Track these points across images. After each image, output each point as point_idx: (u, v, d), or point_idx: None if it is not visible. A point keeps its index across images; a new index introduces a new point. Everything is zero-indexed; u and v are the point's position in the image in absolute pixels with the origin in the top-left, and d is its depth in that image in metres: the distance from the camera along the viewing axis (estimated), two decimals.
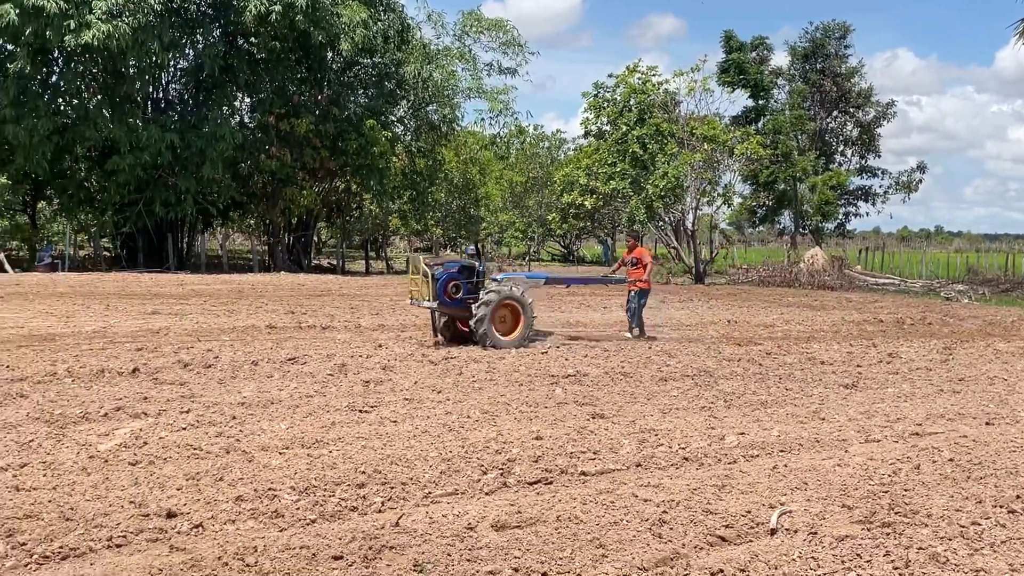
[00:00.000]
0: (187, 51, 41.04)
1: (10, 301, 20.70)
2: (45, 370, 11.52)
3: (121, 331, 16.79)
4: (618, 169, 42.28)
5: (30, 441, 7.98)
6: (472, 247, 18.81)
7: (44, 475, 7.01)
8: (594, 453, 8.30)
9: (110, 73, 38.53)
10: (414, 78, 43.92)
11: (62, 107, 38.30)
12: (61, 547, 5.49)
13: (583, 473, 7.66)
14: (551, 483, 7.39)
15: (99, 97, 39.16)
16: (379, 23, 41.54)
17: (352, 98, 43.87)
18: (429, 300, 15.66)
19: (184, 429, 8.75)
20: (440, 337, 16.28)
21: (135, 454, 7.70)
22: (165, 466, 7.44)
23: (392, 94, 44.86)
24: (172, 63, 41.10)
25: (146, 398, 10.16)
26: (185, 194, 38.60)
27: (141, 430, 8.58)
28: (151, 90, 41.68)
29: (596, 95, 45.20)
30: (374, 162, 42.25)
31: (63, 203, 40.85)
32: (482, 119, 50.30)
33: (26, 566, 5.25)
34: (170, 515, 6.15)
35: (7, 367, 11.92)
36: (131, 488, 6.75)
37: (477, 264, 16.38)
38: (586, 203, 45.19)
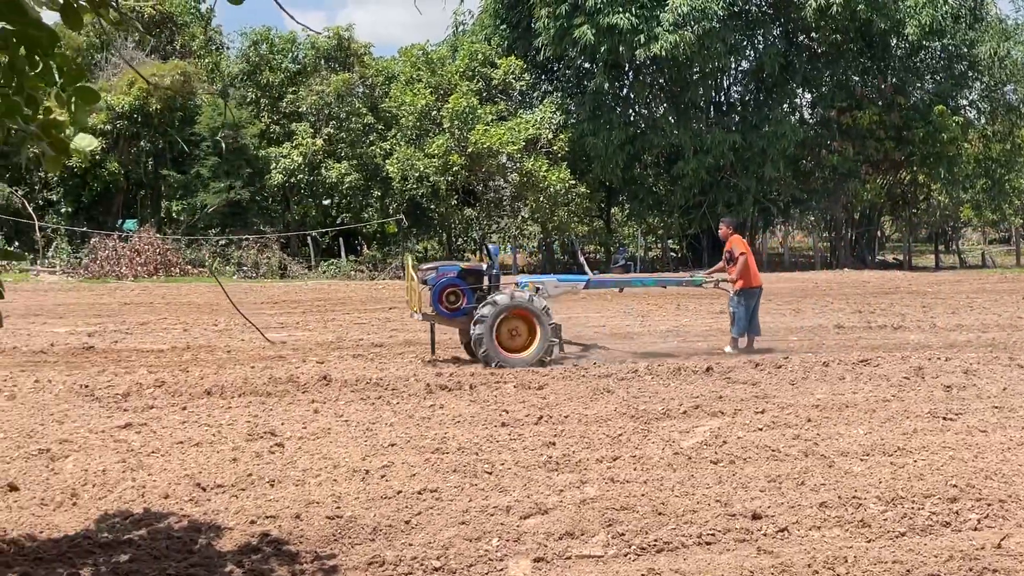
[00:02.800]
0: (747, 52, 41.68)
1: (593, 301, 22.42)
2: (627, 368, 12.24)
3: (693, 330, 17.43)
4: None
5: (619, 435, 8.47)
6: (495, 247, 15.07)
7: (634, 468, 7.39)
8: None
9: (675, 81, 40.37)
10: (989, 57, 40.48)
11: (632, 117, 40.91)
12: (655, 540, 5.72)
13: None
14: None
15: (665, 105, 41.29)
16: (947, 3, 38.87)
17: (918, 84, 41.61)
18: (419, 311, 13.65)
19: (760, 430, 8.76)
20: (468, 353, 13.88)
21: (716, 452, 7.84)
22: (746, 466, 7.48)
23: (963, 77, 41.76)
24: (733, 66, 41.98)
25: (721, 397, 10.35)
26: (746, 194, 39.26)
27: (719, 429, 8.73)
28: (713, 94, 42.95)
29: None
30: (943, 150, 39.73)
31: (633, 208, 43.57)
32: None
33: (625, 555, 5.54)
34: (755, 516, 6.15)
35: (594, 363, 12.90)
36: (715, 487, 6.86)
37: (489, 267, 14.04)
38: None
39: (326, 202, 40.34)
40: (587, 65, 41.54)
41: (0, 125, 4.44)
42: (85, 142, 5.15)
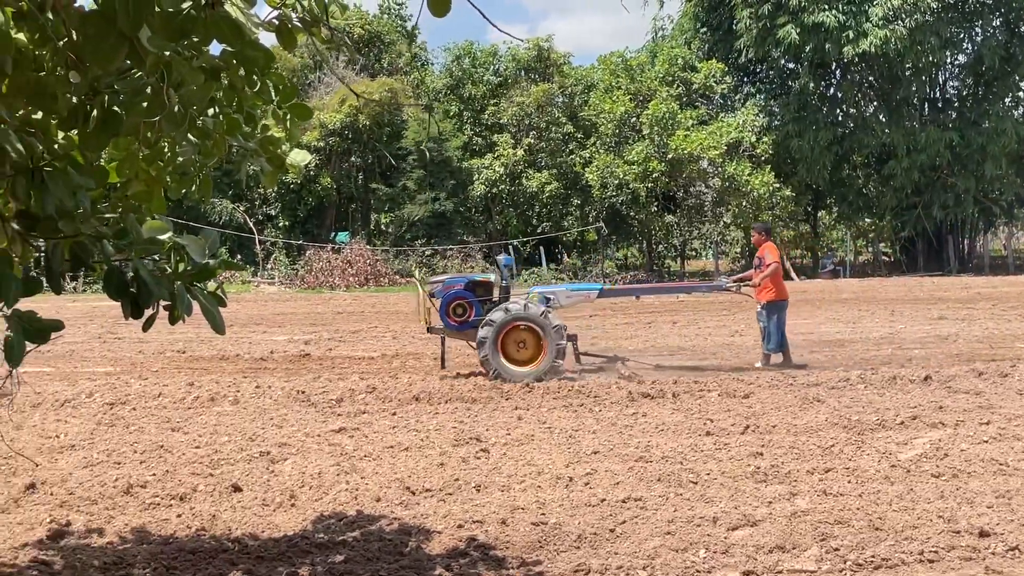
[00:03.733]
0: (964, 45, 39.47)
1: (799, 308, 21.71)
2: (838, 376, 11.74)
3: (908, 337, 16.58)
4: None
5: (831, 446, 8.12)
6: (508, 258, 13.79)
7: (848, 481, 7.06)
8: None
9: (886, 78, 38.70)
10: None
11: (839, 117, 39.48)
12: (872, 556, 5.43)
13: None
14: None
15: (875, 103, 39.63)
16: None
17: None
18: (428, 324, 13.26)
19: (986, 442, 8.20)
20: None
21: (937, 466, 7.40)
22: (971, 481, 7.02)
23: None
24: (949, 60, 39.84)
25: (941, 407, 9.77)
26: (965, 194, 37.15)
27: (940, 440, 8.24)
28: (927, 90, 40.90)
29: None
30: None
31: (842, 211, 42.03)
32: None
33: (840, 572, 5.28)
34: (983, 534, 5.75)
35: (803, 372, 12.47)
36: (937, 502, 6.47)
37: (498, 278, 13.35)
38: None
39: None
40: (791, 65, 40.44)
41: (223, 142, 4.66)
42: (299, 157, 5.35)
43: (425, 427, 9.36)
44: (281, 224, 40.96)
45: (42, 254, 3.85)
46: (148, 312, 3.77)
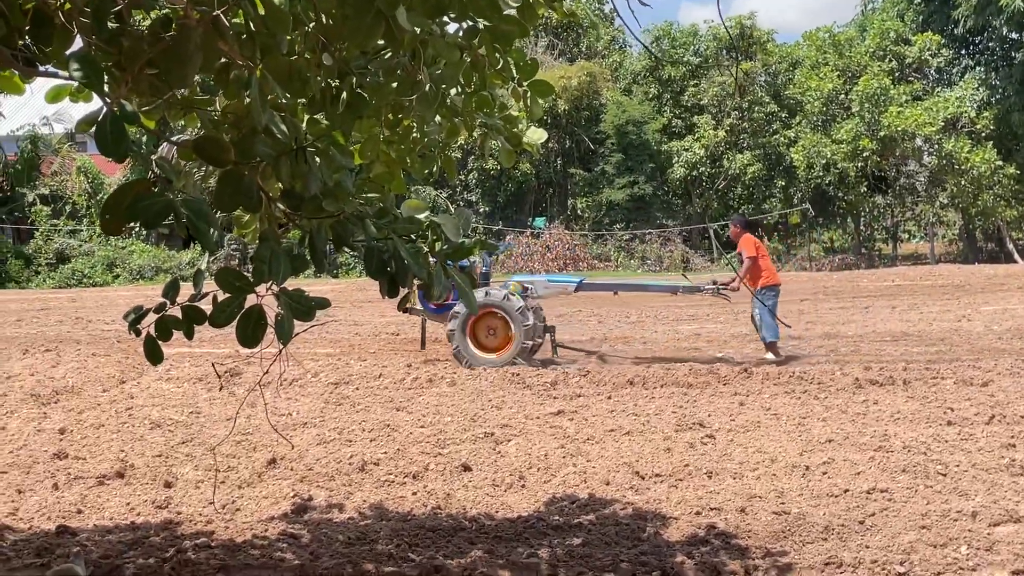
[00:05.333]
0: None
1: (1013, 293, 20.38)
2: None
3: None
4: None
5: None
6: (506, 242, 12.56)
7: None
8: None
9: None
10: None
11: None
12: None
13: None
14: None
15: None
16: None
17: None
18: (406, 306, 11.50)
19: None
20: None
21: None
22: None
23: None
24: None
25: None
26: None
27: None
28: None
29: None
30: None
31: None
32: None
33: None
34: None
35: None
36: None
37: (477, 263, 13.15)
38: None
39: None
40: (1014, 36, 37.80)
41: (471, 121, 4.65)
42: (537, 135, 5.30)
43: (644, 411, 9.21)
44: (481, 210, 41.61)
45: (306, 233, 3.91)
46: (403, 291, 3.79)
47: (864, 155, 35.20)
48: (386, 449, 7.79)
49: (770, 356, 12.73)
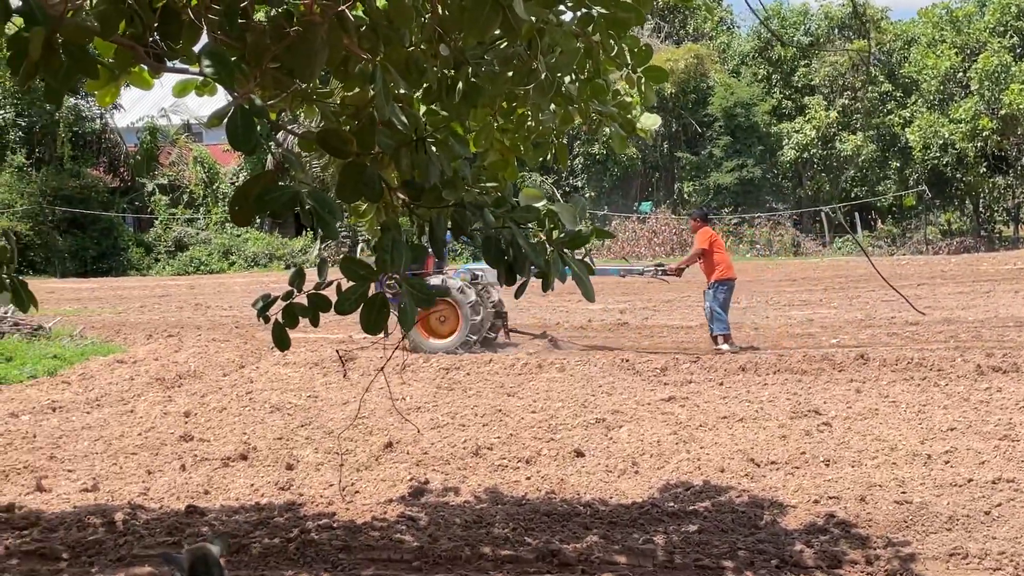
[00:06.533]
0: None
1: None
2: None
3: None
4: None
5: None
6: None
7: None
8: None
9: None
10: None
11: None
12: None
13: None
14: None
15: None
16: None
17: None
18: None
19: None
20: None
21: None
22: None
23: None
24: None
25: None
26: None
27: None
28: None
29: None
30: None
31: None
32: None
33: None
34: None
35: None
36: None
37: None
38: None
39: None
40: None
41: (586, 109, 4.66)
42: (651, 121, 5.28)
43: (757, 398, 9.11)
44: (587, 195, 41.45)
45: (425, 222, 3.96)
46: (520, 279, 3.81)
47: (984, 135, 33.99)
48: (499, 434, 7.87)
49: (725, 347, 12.55)
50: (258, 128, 3.26)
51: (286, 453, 7.47)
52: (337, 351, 11.75)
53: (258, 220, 37.14)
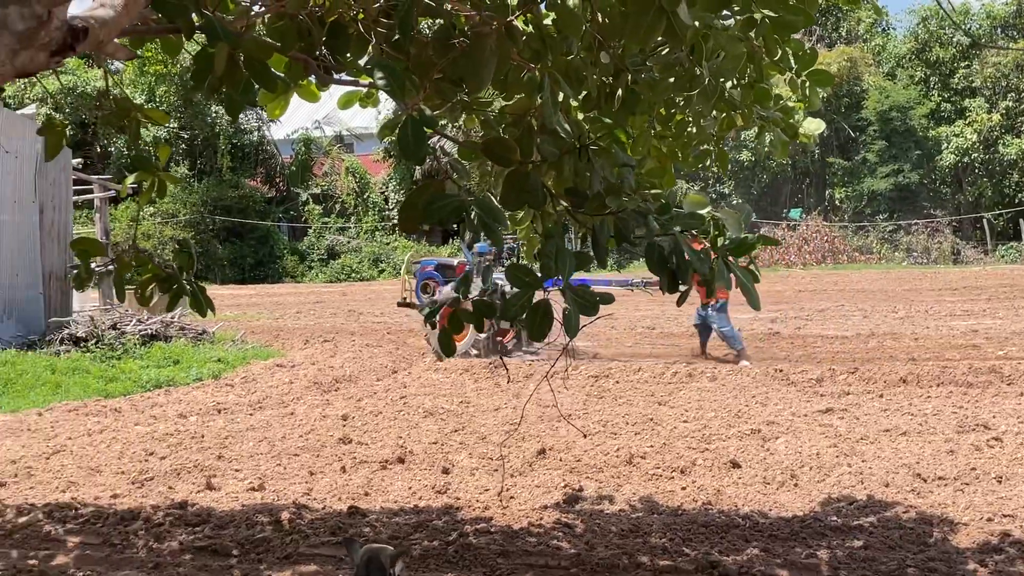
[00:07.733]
0: None
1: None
2: None
3: None
4: None
5: None
6: (482, 245, 13.00)
7: None
8: None
9: None
10: None
11: None
12: None
13: None
14: None
15: None
16: None
17: None
18: (402, 299, 14.78)
19: None
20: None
21: None
22: None
23: None
24: None
25: None
26: None
27: None
28: None
29: None
30: None
31: None
32: None
33: None
34: None
35: None
36: None
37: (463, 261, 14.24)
38: None
39: None
40: None
41: (750, 114, 4.59)
42: (814, 126, 5.16)
43: (920, 411, 8.79)
44: (735, 202, 40.74)
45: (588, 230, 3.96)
46: (683, 287, 3.76)
47: None
48: (651, 443, 7.81)
49: (745, 363, 12.38)
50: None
51: (441, 457, 7.59)
52: (502, 358, 11.91)
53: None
